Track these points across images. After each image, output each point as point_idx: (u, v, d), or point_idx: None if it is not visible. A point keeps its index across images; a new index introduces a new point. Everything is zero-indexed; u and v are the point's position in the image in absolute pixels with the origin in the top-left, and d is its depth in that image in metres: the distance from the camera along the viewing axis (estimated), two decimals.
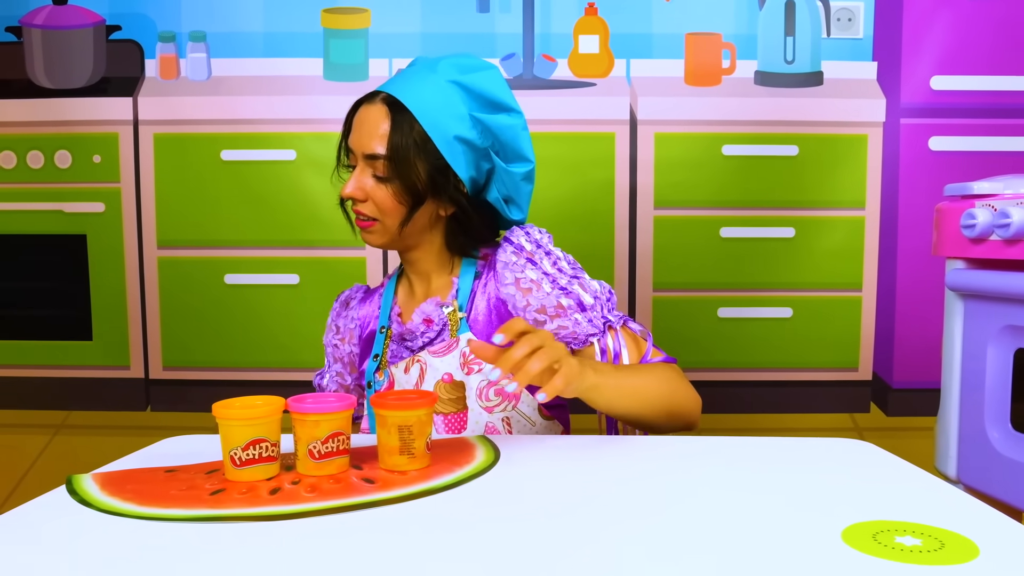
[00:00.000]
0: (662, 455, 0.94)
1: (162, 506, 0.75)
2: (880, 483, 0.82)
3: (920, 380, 2.04)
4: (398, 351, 1.22)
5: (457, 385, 1.16)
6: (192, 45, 2.04)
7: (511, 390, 0.91)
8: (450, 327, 1.19)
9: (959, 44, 2.00)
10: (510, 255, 1.17)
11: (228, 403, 0.85)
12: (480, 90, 1.14)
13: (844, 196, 2.03)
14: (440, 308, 1.20)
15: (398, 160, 1.11)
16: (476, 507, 0.76)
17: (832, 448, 0.97)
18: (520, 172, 1.17)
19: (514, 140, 1.16)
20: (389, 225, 1.16)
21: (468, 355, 1.15)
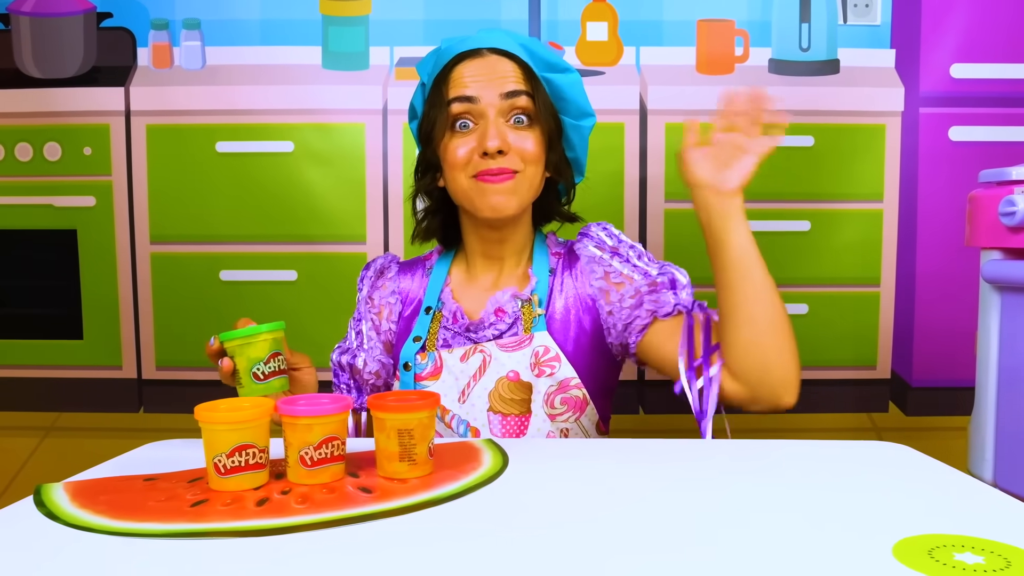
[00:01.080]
0: (686, 459, 0.87)
1: (137, 520, 0.68)
2: (927, 491, 0.75)
3: (941, 378, 1.98)
4: (454, 337, 1.15)
5: (523, 386, 1.10)
6: (186, 33, 1.97)
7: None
8: (523, 322, 1.13)
9: (980, 31, 1.94)
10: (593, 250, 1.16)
11: (212, 405, 0.79)
12: (541, 54, 1.13)
13: (861, 188, 1.97)
14: (516, 300, 1.15)
15: (542, 99, 1.08)
16: (484, 519, 0.69)
17: (866, 452, 0.90)
18: (588, 126, 1.17)
19: (579, 96, 1.15)
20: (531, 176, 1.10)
21: (540, 355, 1.10)
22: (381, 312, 1.21)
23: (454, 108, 1.08)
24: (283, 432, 0.79)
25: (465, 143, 1.09)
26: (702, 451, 0.91)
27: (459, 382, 1.11)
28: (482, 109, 1.08)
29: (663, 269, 1.15)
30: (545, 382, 1.09)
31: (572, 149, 1.18)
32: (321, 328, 1.97)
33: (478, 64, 1.09)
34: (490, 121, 1.07)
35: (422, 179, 1.17)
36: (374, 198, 1.97)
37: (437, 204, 1.21)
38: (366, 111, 1.96)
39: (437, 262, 1.22)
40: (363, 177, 1.96)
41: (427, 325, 1.16)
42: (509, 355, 1.10)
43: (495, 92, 1.07)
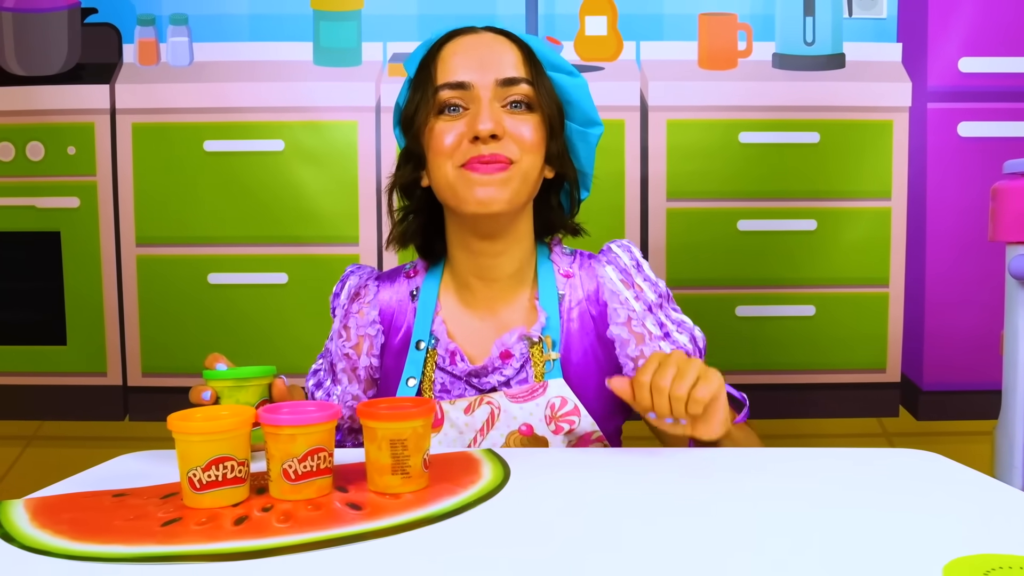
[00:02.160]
0: (700, 469, 0.81)
1: (101, 541, 0.61)
2: (969, 504, 0.69)
3: (952, 382, 1.93)
4: (455, 385, 1.02)
5: (537, 441, 0.98)
6: (173, 29, 1.92)
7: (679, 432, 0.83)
8: (534, 366, 1.00)
9: (989, 24, 1.89)
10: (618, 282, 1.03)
11: (187, 414, 0.72)
12: (545, 53, 1.01)
13: (869, 185, 1.92)
14: (524, 341, 1.01)
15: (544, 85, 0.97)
16: (484, 538, 0.63)
17: (894, 460, 0.84)
18: (596, 135, 1.05)
19: (586, 101, 1.03)
20: (527, 168, 0.96)
21: (557, 408, 0.97)
22: (359, 346, 1.07)
23: (442, 94, 0.96)
24: (265, 443, 0.72)
25: (453, 127, 0.95)
26: (716, 460, 0.85)
27: (464, 436, 0.99)
28: (475, 94, 0.95)
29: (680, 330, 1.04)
30: (563, 439, 0.98)
31: (577, 159, 1.06)
32: (312, 332, 1.90)
33: (471, 43, 0.97)
34: (483, 104, 0.94)
35: (401, 171, 1.02)
36: (367, 198, 1.91)
37: (419, 205, 1.05)
38: (359, 108, 1.91)
39: (424, 284, 1.07)
40: (355, 176, 1.91)
41: (420, 365, 1.02)
42: (521, 407, 0.98)
43: (491, 76, 0.95)
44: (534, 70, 0.97)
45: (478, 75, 0.95)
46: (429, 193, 1.03)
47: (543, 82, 0.98)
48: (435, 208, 1.05)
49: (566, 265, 1.07)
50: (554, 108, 0.99)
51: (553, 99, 0.99)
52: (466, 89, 0.95)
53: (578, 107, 1.03)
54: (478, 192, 0.94)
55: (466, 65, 0.95)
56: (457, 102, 0.96)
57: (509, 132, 0.95)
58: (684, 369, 0.83)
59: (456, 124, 0.95)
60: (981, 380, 1.92)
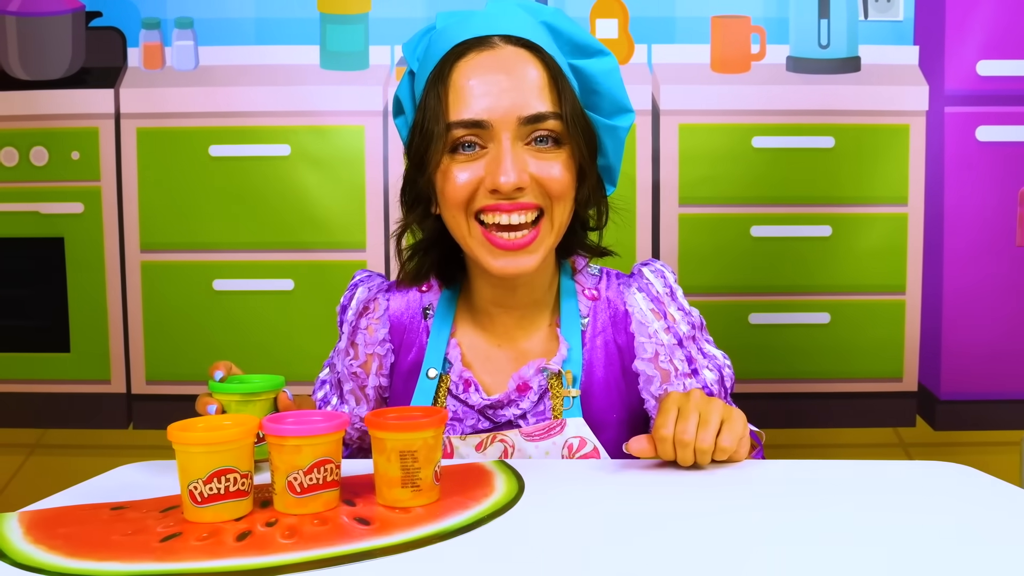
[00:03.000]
0: (724, 481, 0.77)
1: (96, 558, 0.58)
2: (1014, 523, 0.65)
3: (970, 391, 1.89)
4: (467, 415, 0.96)
5: None
6: (178, 32, 1.90)
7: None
8: (553, 399, 0.93)
9: (1007, 26, 1.86)
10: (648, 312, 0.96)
11: (188, 423, 0.69)
12: (568, 32, 0.90)
13: (885, 191, 1.88)
14: (542, 374, 0.94)
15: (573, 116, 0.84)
16: (498, 554, 0.60)
17: (928, 473, 0.80)
18: (625, 126, 0.93)
19: (615, 87, 0.91)
20: (558, 217, 0.86)
21: (575, 448, 0.91)
22: (368, 364, 1.00)
23: (456, 133, 0.85)
24: (269, 454, 0.69)
25: (469, 171, 0.85)
26: (739, 472, 0.81)
27: None
28: (494, 133, 0.84)
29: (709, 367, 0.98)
30: None
31: (604, 155, 0.94)
32: (319, 340, 1.87)
33: (488, 66, 0.84)
34: (504, 148, 0.83)
35: (411, 212, 0.92)
36: (374, 203, 1.88)
37: (433, 237, 0.96)
38: (366, 113, 1.88)
39: (439, 305, 0.99)
40: (363, 181, 1.88)
41: (431, 393, 0.95)
42: (536, 446, 0.91)
43: (513, 113, 0.83)
44: (562, 95, 0.85)
45: (497, 110, 0.83)
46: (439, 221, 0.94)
47: (571, 105, 0.86)
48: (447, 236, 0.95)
49: (591, 285, 1.00)
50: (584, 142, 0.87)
51: (583, 125, 0.87)
52: (484, 128, 0.84)
53: (607, 96, 0.91)
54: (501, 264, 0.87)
55: (484, 96, 0.83)
56: (474, 140, 0.85)
57: (535, 177, 0.85)
58: (706, 415, 0.79)
59: (473, 167, 0.85)
60: (1000, 390, 1.88)
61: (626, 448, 0.82)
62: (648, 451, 0.81)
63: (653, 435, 0.81)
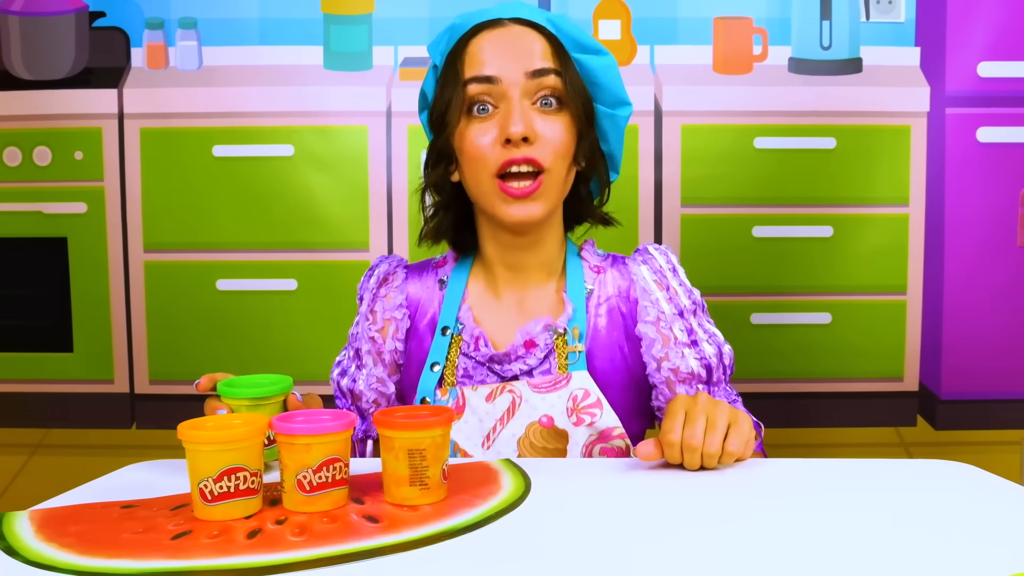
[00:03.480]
0: (726, 480, 0.78)
1: (108, 555, 0.59)
2: (1017, 519, 0.66)
3: (971, 391, 1.89)
4: (477, 371, 1.01)
5: (558, 434, 0.96)
6: (182, 33, 1.90)
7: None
8: (558, 358, 0.99)
9: (1009, 27, 1.86)
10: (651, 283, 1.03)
11: (197, 422, 0.70)
12: (571, 32, 0.99)
13: (886, 192, 1.89)
14: (549, 332, 1.00)
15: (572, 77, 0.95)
16: (506, 553, 0.60)
17: (930, 472, 0.81)
18: (624, 116, 1.03)
19: (614, 81, 1.01)
20: (559, 173, 0.96)
21: (579, 400, 0.96)
22: (385, 329, 1.06)
23: (471, 89, 0.95)
24: (279, 453, 0.70)
25: (485, 130, 0.95)
26: (743, 471, 0.82)
27: (484, 425, 0.97)
28: (503, 90, 0.94)
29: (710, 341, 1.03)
30: (584, 432, 0.96)
31: (606, 142, 1.04)
32: (322, 340, 1.88)
33: (499, 36, 0.95)
34: (513, 103, 0.93)
35: (433, 170, 1.02)
36: (377, 204, 1.89)
37: (449, 200, 1.05)
38: (369, 113, 1.88)
39: (453, 273, 1.07)
40: (366, 182, 1.89)
41: (444, 350, 1.02)
42: (543, 397, 0.96)
43: (519, 70, 0.94)
44: (562, 60, 0.96)
45: (506, 68, 0.94)
46: (459, 187, 1.03)
47: (571, 74, 0.96)
48: (465, 201, 1.05)
49: (596, 260, 1.08)
50: (583, 102, 0.98)
51: (582, 92, 0.98)
52: (494, 83, 0.94)
53: (606, 89, 1.01)
54: (513, 211, 0.95)
55: (494, 57, 0.94)
56: (486, 99, 0.95)
57: (540, 134, 0.94)
58: (714, 419, 0.81)
59: (487, 126, 0.95)
60: (1000, 389, 1.89)
61: (634, 453, 0.83)
62: (656, 455, 0.82)
63: (661, 439, 0.82)
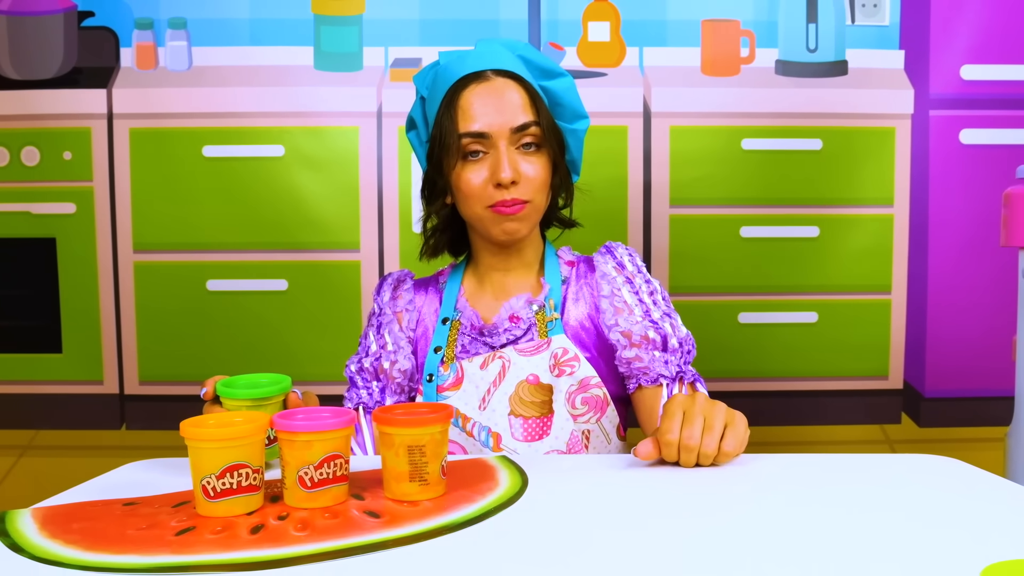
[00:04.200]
0: (714, 475, 0.79)
1: (114, 551, 0.60)
2: (998, 510, 0.68)
3: (955, 388, 1.92)
4: (472, 346, 1.16)
5: (543, 388, 1.09)
6: (171, 33, 1.90)
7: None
8: (539, 327, 1.14)
9: (991, 31, 1.89)
10: (611, 268, 1.17)
11: (199, 420, 0.70)
12: (536, 61, 1.15)
13: (871, 193, 1.91)
14: (530, 306, 1.15)
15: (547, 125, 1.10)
16: (506, 547, 0.61)
17: (914, 466, 0.83)
18: (583, 129, 1.18)
19: (574, 99, 1.16)
20: (539, 203, 1.12)
21: (560, 356, 1.10)
22: (400, 319, 1.21)
23: (465, 141, 1.09)
24: (280, 450, 0.71)
25: (477, 172, 1.09)
26: (735, 467, 0.83)
27: (479, 390, 1.11)
28: (493, 142, 1.09)
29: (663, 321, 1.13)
30: (566, 381, 1.09)
31: (569, 152, 1.19)
32: (313, 340, 1.89)
33: (485, 91, 1.09)
34: (501, 152, 1.08)
35: (432, 204, 1.18)
36: (368, 204, 1.89)
37: (445, 222, 1.22)
38: (360, 114, 1.89)
39: (450, 276, 1.24)
40: (356, 182, 1.89)
41: (446, 335, 1.17)
42: (528, 359, 1.10)
43: (506, 126, 1.08)
44: (538, 109, 1.11)
45: (494, 124, 1.08)
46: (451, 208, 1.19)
47: (546, 119, 1.11)
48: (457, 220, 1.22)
49: (570, 257, 1.24)
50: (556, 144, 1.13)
51: (555, 135, 1.13)
52: (486, 138, 1.08)
53: (567, 107, 1.16)
54: (505, 227, 1.11)
55: (483, 114, 1.08)
56: (478, 148, 1.09)
57: (524, 175, 1.09)
58: (711, 420, 0.85)
59: (479, 169, 1.09)
60: (983, 387, 1.91)
61: (633, 453, 0.86)
62: (654, 454, 0.85)
63: (658, 439, 0.85)
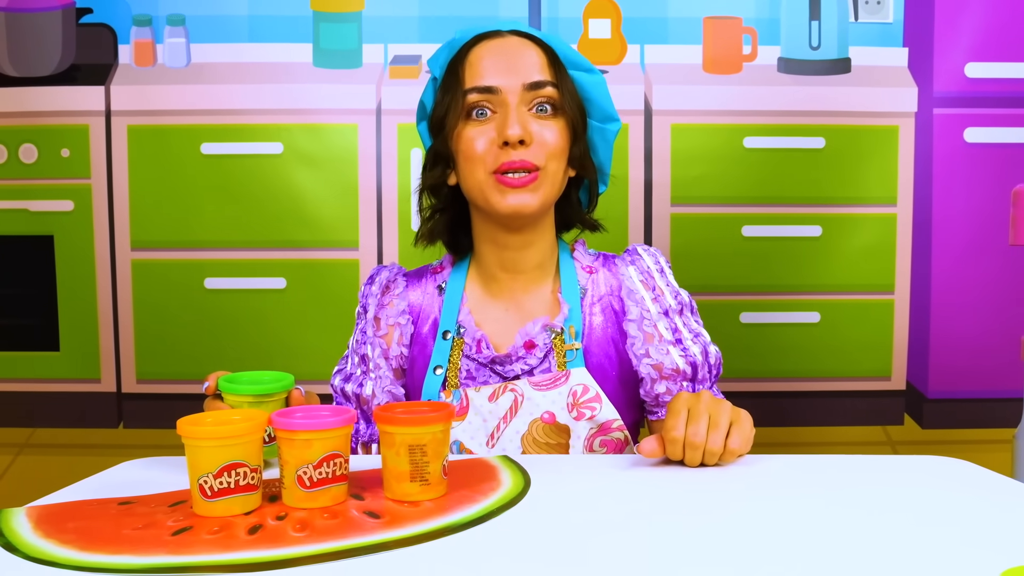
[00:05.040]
0: (721, 476, 0.78)
1: (110, 551, 0.58)
2: (1011, 513, 0.66)
3: (958, 389, 1.91)
4: (479, 372, 1.04)
5: (560, 429, 0.98)
6: (170, 29, 1.89)
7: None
8: (556, 356, 1.02)
9: (996, 29, 1.88)
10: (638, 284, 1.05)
11: (197, 418, 0.69)
12: (564, 51, 1.04)
13: (874, 192, 1.90)
14: (547, 332, 1.03)
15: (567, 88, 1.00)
16: (508, 548, 0.60)
17: (925, 468, 0.81)
18: (614, 131, 1.07)
19: (604, 99, 1.06)
20: (553, 173, 0.99)
21: (579, 395, 0.99)
22: (390, 335, 1.08)
23: (471, 97, 0.98)
24: (279, 449, 0.69)
25: (483, 132, 0.98)
26: (739, 468, 0.82)
27: (487, 424, 1.00)
28: (503, 99, 0.97)
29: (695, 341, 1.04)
30: (585, 425, 0.98)
31: (595, 154, 1.09)
32: (312, 338, 1.88)
33: (498, 46, 0.99)
34: (511, 108, 0.96)
35: (430, 172, 1.04)
36: (367, 202, 1.88)
37: (446, 203, 1.07)
38: (359, 111, 1.88)
39: (451, 278, 1.09)
40: (355, 180, 1.88)
41: (447, 353, 1.04)
42: (544, 394, 0.99)
43: (518, 81, 0.97)
44: (558, 72, 1.00)
45: (506, 79, 0.97)
46: (455, 191, 1.05)
47: (567, 84, 1.00)
48: (461, 204, 1.07)
49: (588, 261, 1.09)
50: (577, 110, 1.01)
51: (576, 101, 1.02)
52: (494, 93, 0.97)
53: (597, 104, 1.05)
54: (510, 199, 0.97)
55: (494, 69, 0.98)
56: (486, 106, 0.98)
57: (535, 137, 0.97)
58: (716, 417, 0.82)
59: (485, 128, 0.98)
60: (987, 388, 1.90)
61: (637, 450, 0.84)
62: (658, 452, 0.83)
63: (664, 436, 0.83)
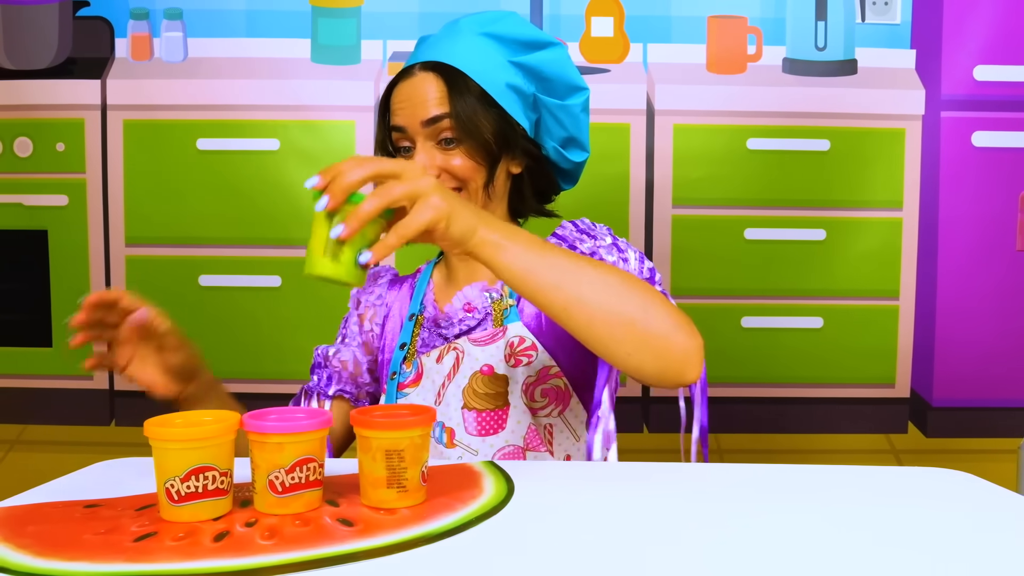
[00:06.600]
0: (709, 486, 0.76)
1: (65, 558, 0.56)
2: (1016, 530, 0.64)
3: (963, 398, 1.88)
4: (430, 339, 1.12)
5: (498, 379, 1.05)
6: (167, 23, 1.87)
7: (363, 260, 0.82)
8: (494, 315, 1.09)
9: (1005, 31, 1.85)
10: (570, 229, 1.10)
11: (165, 419, 0.67)
12: (511, 35, 1.08)
13: (879, 195, 1.87)
14: (485, 294, 1.10)
15: (464, 116, 1.05)
16: (487, 559, 0.58)
17: (926, 480, 0.78)
18: (578, 103, 1.10)
19: (562, 71, 1.09)
20: (474, 190, 1.07)
21: (515, 345, 1.05)
22: (365, 313, 1.20)
23: (393, 135, 1.09)
24: (250, 452, 0.67)
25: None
26: (723, 476, 0.79)
27: (435, 384, 1.08)
28: (412, 136, 1.06)
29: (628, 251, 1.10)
30: (523, 372, 1.05)
31: (564, 129, 1.12)
32: (306, 337, 1.84)
33: (405, 87, 1.07)
34: (418, 147, 1.06)
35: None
36: None
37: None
38: (357, 108, 1.86)
39: (423, 271, 1.21)
40: None
41: (411, 331, 1.14)
42: (482, 349, 1.06)
43: (416, 120, 1.05)
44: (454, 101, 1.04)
45: (409, 119, 1.05)
46: None
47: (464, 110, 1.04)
48: None
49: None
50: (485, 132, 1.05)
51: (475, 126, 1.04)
52: (403, 132, 1.06)
53: (556, 80, 1.08)
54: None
55: (401, 109, 1.06)
56: (405, 143, 1.07)
57: (442, 169, 1.05)
58: (412, 193, 0.80)
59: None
60: (992, 397, 1.87)
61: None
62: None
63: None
